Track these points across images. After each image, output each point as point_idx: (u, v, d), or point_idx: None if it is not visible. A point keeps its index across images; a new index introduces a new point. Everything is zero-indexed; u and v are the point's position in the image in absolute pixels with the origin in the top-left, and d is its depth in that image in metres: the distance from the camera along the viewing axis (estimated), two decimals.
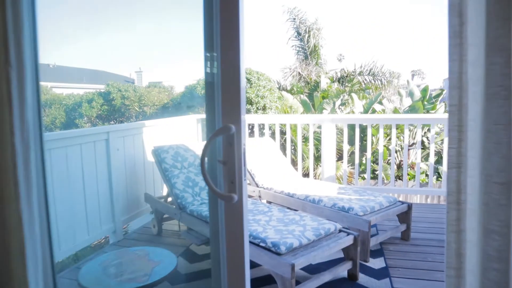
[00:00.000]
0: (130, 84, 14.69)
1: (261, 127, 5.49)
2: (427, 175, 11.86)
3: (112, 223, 3.77)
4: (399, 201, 3.58)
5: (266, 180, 4.26)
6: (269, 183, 4.23)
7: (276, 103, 10.56)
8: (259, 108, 10.28)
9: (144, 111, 13.61)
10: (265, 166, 4.45)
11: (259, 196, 4.17)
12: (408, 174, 11.93)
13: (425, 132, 12.33)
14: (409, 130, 12.00)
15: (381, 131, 4.81)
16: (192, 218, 3.34)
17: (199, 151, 4.08)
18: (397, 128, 11.15)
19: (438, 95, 11.51)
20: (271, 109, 10.33)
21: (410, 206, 3.53)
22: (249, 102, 10.49)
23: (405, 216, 3.54)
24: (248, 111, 10.43)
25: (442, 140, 12.43)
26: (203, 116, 5.42)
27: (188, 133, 5.23)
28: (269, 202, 4.10)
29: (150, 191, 4.36)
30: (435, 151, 12.55)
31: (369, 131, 4.86)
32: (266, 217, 3.06)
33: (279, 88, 15.25)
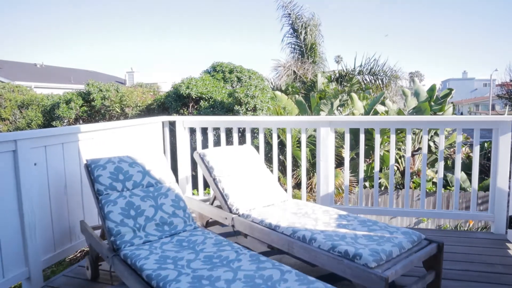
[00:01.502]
0: (112, 83, 13.61)
1: (241, 131, 4.44)
2: (434, 183, 10.81)
3: (25, 266, 2.71)
4: (426, 239, 2.53)
5: (243, 204, 3.21)
6: (246, 207, 3.18)
7: (268, 103, 9.52)
8: (248, 109, 9.23)
9: (125, 112, 12.52)
10: (243, 184, 3.41)
11: (233, 226, 3.12)
12: (413, 182, 10.89)
13: (431, 136, 11.31)
14: (415, 133, 10.98)
15: (393, 138, 3.77)
16: (124, 268, 2.29)
17: (152, 165, 3.03)
18: (399, 132, 9.97)
19: (446, 95, 10.50)
20: (262, 110, 9.28)
21: (441, 247, 2.48)
22: (238, 102, 9.44)
23: (433, 260, 2.49)
24: (237, 113, 9.39)
25: (451, 144, 11.41)
26: (171, 118, 4.38)
27: (150, 140, 4.17)
28: (246, 236, 3.06)
29: (91, 219, 3.31)
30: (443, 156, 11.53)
31: (377, 139, 3.82)
32: (229, 273, 2.01)
33: (273, 88, 14.23)
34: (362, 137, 3.83)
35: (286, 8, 16.89)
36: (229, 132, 5.79)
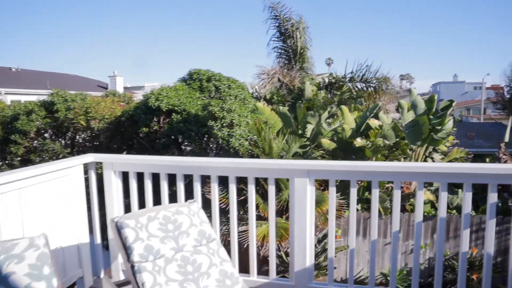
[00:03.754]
0: (81, 92, 12.39)
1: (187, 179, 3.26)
2: (433, 205, 9.75)
3: None
4: None
5: None
6: None
7: (247, 118, 8.39)
8: (224, 124, 8.10)
9: (91, 126, 11.30)
10: (176, 272, 2.28)
11: None
12: (410, 205, 9.84)
13: (429, 152, 10.28)
14: (412, 149, 9.93)
15: (398, 194, 2.65)
16: None
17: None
18: (394, 150, 8.81)
19: (446, 107, 9.47)
20: (239, 126, 8.15)
21: None
22: (212, 117, 8.31)
23: None
24: (211, 129, 8.25)
25: (451, 161, 10.38)
26: (99, 156, 3.24)
27: (63, 195, 3.00)
28: None
29: None
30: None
31: (375, 196, 2.70)
32: None
33: (257, 98, 13.15)
34: (353, 193, 2.71)
35: (274, 10, 15.80)
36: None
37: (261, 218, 7.20)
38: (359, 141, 8.40)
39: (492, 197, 2.65)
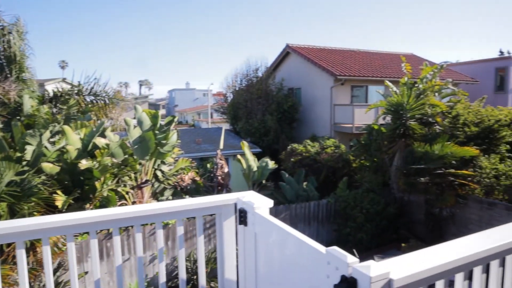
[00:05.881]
0: None
1: None
2: None
3: None
4: None
5: None
6: None
7: None
8: None
9: None
10: None
11: None
12: None
13: (158, 165, 10.91)
14: (141, 164, 10.28)
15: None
16: None
17: None
18: (122, 167, 9.00)
19: (169, 123, 10.25)
20: None
21: None
22: None
23: None
24: None
25: (178, 171, 11.31)
26: None
27: None
28: None
29: None
30: (170, 185, 11.31)
31: (71, 251, 2.66)
32: None
33: None
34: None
35: None
36: None
37: None
38: (84, 163, 8.11)
39: (180, 230, 3.05)
